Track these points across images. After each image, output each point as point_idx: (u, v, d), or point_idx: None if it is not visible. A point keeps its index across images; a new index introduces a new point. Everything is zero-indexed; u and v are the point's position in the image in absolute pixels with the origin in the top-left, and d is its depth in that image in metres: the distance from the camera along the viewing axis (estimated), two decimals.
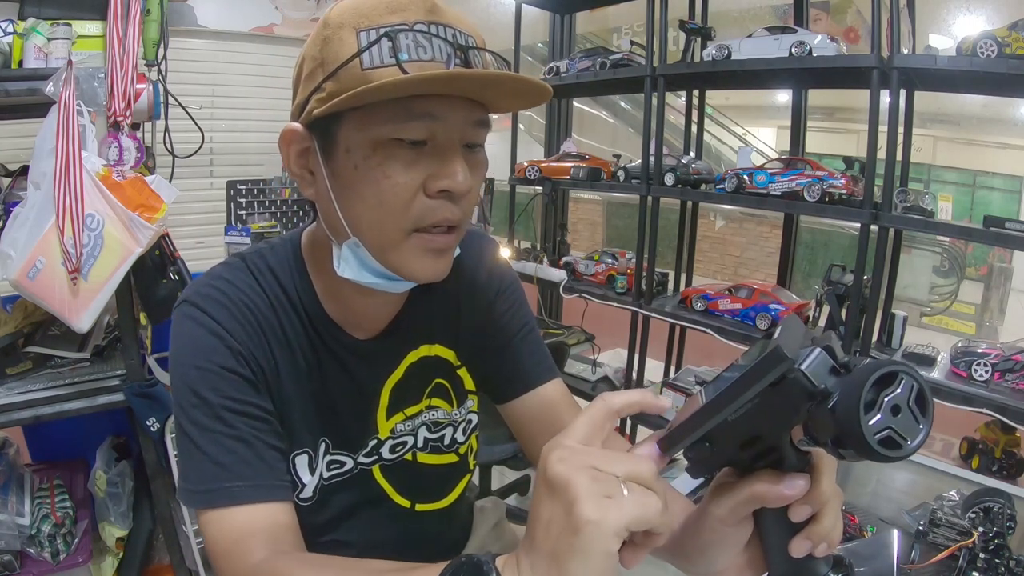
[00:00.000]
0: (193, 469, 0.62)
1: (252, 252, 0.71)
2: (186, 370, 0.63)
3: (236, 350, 0.64)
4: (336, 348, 0.71)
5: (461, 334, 0.80)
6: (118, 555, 1.61)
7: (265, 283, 0.68)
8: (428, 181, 0.58)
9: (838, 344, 0.41)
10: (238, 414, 0.62)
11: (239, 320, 0.65)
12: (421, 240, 0.60)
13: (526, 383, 0.80)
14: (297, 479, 0.70)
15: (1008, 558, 1.07)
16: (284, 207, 2.31)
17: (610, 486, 0.39)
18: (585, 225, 7.47)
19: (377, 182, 0.57)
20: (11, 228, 1.31)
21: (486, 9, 4.50)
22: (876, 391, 0.36)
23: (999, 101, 4.81)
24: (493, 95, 0.59)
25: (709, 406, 0.42)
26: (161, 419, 1.51)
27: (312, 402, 0.70)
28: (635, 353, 2.08)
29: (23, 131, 1.67)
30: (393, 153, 0.57)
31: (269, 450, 0.64)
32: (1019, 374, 1.36)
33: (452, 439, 0.81)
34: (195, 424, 0.62)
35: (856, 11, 5.42)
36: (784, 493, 0.44)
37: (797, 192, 1.65)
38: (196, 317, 0.64)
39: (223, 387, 0.62)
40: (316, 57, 0.58)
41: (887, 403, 0.36)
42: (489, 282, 0.81)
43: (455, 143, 0.59)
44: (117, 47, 1.36)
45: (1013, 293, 5.22)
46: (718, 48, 1.76)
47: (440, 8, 0.58)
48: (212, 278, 0.67)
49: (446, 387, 0.80)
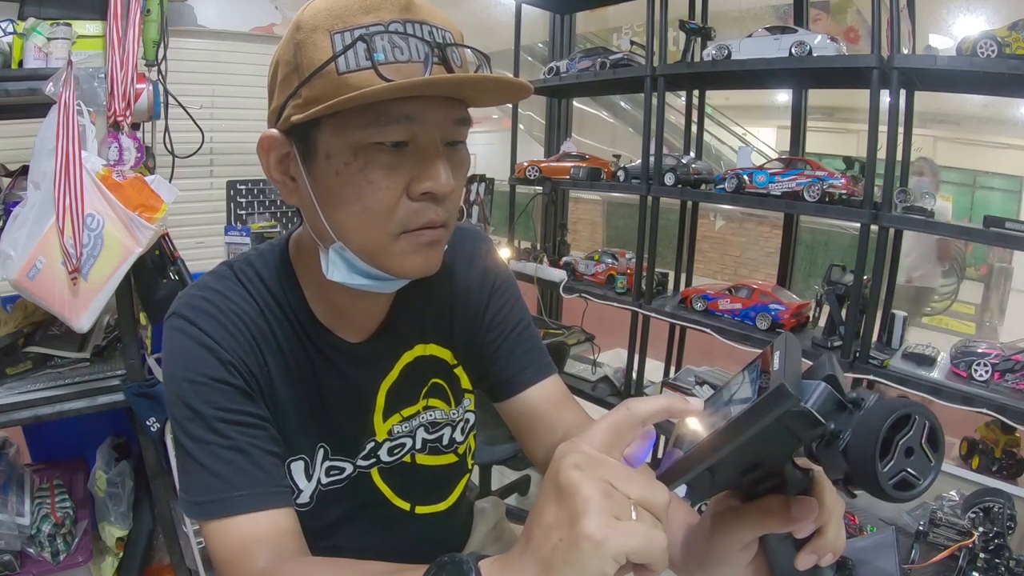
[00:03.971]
0: (192, 481, 0.62)
1: (239, 260, 0.71)
2: (178, 384, 0.63)
3: (227, 361, 0.63)
4: (328, 351, 0.71)
5: (456, 332, 0.79)
6: (118, 555, 1.61)
7: (254, 290, 0.68)
8: (411, 184, 0.57)
9: (840, 370, 0.40)
10: (233, 424, 0.62)
11: (229, 330, 0.65)
12: (409, 240, 0.59)
13: (523, 381, 0.79)
14: (294, 485, 0.70)
15: (1008, 558, 1.07)
16: (284, 207, 2.31)
17: (622, 507, 0.38)
18: (585, 225, 7.47)
19: (359, 188, 0.57)
20: (11, 228, 1.31)
21: (486, 9, 4.50)
22: (889, 435, 0.36)
23: (999, 101, 4.80)
24: (472, 93, 0.58)
25: (711, 442, 0.40)
26: (161, 419, 1.51)
27: (307, 407, 0.70)
28: (635, 353, 2.08)
29: (23, 131, 1.66)
30: (373, 158, 0.56)
31: (267, 457, 0.64)
32: (1019, 374, 1.36)
33: (451, 439, 0.81)
34: (191, 437, 0.62)
35: (856, 11, 5.42)
36: (794, 521, 0.43)
37: (797, 192, 1.65)
38: (185, 330, 0.64)
39: (216, 399, 0.62)
40: (290, 62, 0.57)
41: (901, 446, 0.36)
42: (484, 280, 0.80)
43: (436, 144, 0.58)
44: (117, 47, 1.36)
45: (1013, 293, 5.22)
46: (718, 48, 1.76)
47: (415, 5, 0.57)
48: (200, 288, 0.67)
49: (443, 387, 0.79)
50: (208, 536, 0.61)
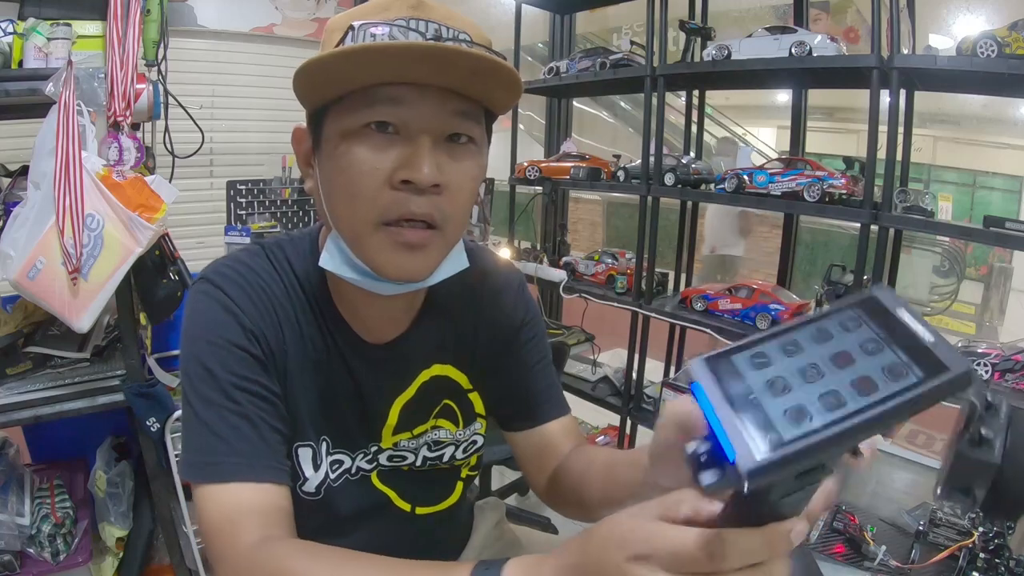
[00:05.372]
0: (194, 440, 0.62)
1: (272, 242, 0.72)
2: (197, 344, 0.63)
3: (248, 329, 0.64)
4: (344, 346, 0.71)
5: (477, 358, 0.79)
6: (118, 555, 1.61)
7: (283, 272, 0.69)
8: (394, 171, 0.57)
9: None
10: (244, 391, 0.62)
11: (254, 301, 0.65)
12: (388, 234, 0.59)
13: (536, 417, 0.80)
14: (300, 470, 0.70)
15: (1008, 558, 1.07)
16: (284, 207, 2.31)
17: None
18: (585, 225, 7.47)
19: (344, 170, 0.58)
20: (11, 228, 1.31)
21: (486, 9, 4.50)
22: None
23: (999, 101, 4.80)
24: (461, 79, 0.56)
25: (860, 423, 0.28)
26: (161, 419, 1.51)
27: (317, 396, 0.70)
28: (635, 353, 2.08)
29: (23, 131, 1.66)
30: (360, 139, 0.57)
31: (271, 432, 0.64)
32: (1019, 374, 1.36)
33: (451, 456, 0.80)
34: (201, 397, 0.62)
35: (856, 11, 5.42)
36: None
37: (797, 192, 1.65)
38: (211, 293, 0.65)
39: (232, 363, 0.62)
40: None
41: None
42: (515, 311, 0.80)
43: (426, 132, 0.57)
44: (117, 47, 1.36)
45: (1013, 293, 5.22)
46: (718, 48, 1.76)
47: (427, 5, 0.58)
48: (231, 260, 0.68)
49: (453, 409, 0.79)
50: (199, 500, 0.60)
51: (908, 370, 0.28)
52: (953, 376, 0.28)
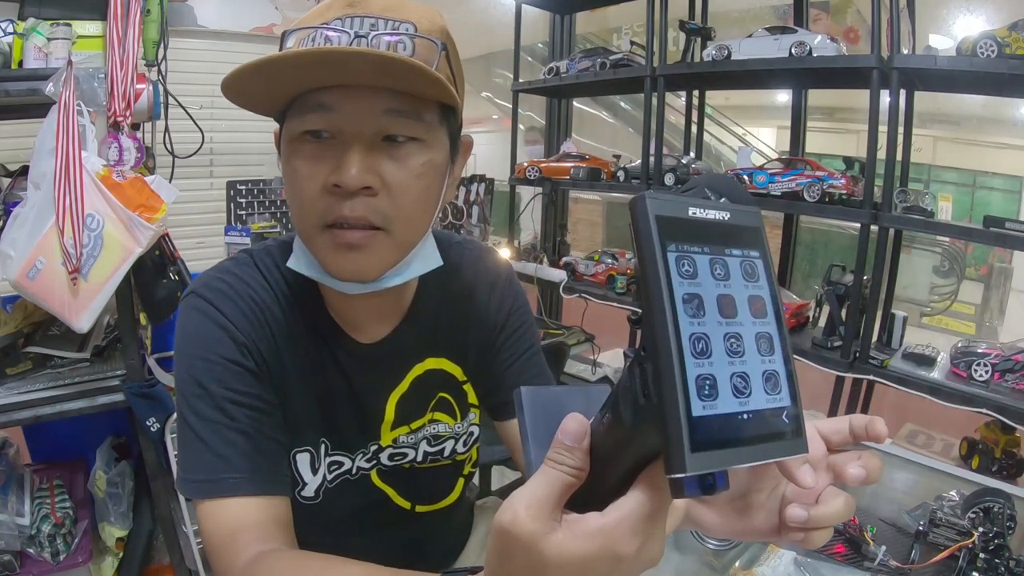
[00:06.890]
0: (192, 459, 0.62)
1: (260, 248, 0.72)
2: (191, 361, 0.63)
3: (241, 342, 0.64)
4: (336, 348, 0.71)
5: (470, 350, 0.79)
6: (118, 555, 1.61)
7: (272, 279, 0.69)
8: (326, 176, 0.57)
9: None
10: (240, 406, 0.63)
11: (245, 313, 0.65)
12: (331, 236, 0.59)
13: None
14: (298, 476, 0.70)
15: (1008, 558, 1.07)
16: (284, 207, 2.31)
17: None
18: (585, 225, 7.47)
19: (290, 177, 0.60)
20: (11, 228, 1.31)
21: (486, 9, 4.50)
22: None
23: (999, 101, 4.79)
24: (371, 80, 0.55)
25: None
26: (161, 419, 1.51)
27: (314, 399, 0.70)
28: None
29: (23, 131, 1.66)
30: (299, 148, 0.59)
31: (270, 443, 0.64)
32: (1019, 374, 1.36)
33: (452, 450, 0.81)
34: (197, 414, 0.62)
35: (856, 11, 5.41)
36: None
37: (797, 192, 1.65)
38: (202, 309, 0.65)
39: (227, 379, 0.63)
40: None
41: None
42: (502, 302, 0.81)
43: (357, 136, 0.57)
44: (117, 47, 1.36)
45: (1013, 293, 5.21)
46: (718, 48, 1.76)
47: (364, 0, 0.58)
48: (220, 271, 0.68)
49: (449, 401, 0.79)
50: (201, 517, 0.61)
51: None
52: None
